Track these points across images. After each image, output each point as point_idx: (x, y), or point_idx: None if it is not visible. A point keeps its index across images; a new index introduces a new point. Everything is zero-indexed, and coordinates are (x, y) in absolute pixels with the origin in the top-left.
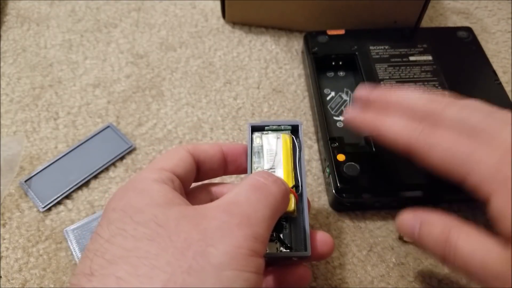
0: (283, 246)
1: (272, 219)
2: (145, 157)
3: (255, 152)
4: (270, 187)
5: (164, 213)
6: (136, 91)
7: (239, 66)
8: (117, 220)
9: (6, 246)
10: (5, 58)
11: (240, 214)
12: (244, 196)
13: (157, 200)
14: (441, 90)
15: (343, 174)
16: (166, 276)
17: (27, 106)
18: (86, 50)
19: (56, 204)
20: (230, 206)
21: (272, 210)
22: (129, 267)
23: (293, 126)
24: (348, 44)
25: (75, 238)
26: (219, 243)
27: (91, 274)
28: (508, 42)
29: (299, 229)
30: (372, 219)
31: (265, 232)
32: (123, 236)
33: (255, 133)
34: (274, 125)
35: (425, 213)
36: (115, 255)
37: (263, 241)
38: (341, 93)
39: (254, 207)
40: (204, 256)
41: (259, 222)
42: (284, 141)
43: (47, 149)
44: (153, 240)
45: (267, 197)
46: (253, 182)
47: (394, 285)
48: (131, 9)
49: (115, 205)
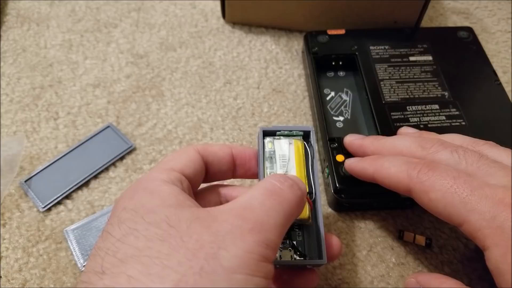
0: (297, 254)
1: (285, 226)
2: (145, 157)
3: (268, 158)
4: (285, 192)
5: (175, 214)
6: (136, 91)
7: (239, 66)
8: (128, 220)
9: (6, 246)
10: (5, 58)
11: (253, 219)
12: (259, 201)
13: (168, 201)
14: (441, 90)
15: (342, 175)
16: (177, 276)
17: (27, 106)
18: (86, 50)
19: (56, 204)
20: (244, 211)
21: (286, 217)
22: (140, 266)
23: (304, 132)
24: (348, 44)
25: (75, 238)
26: (230, 247)
27: (102, 273)
28: (508, 42)
29: (313, 236)
30: (372, 219)
31: (277, 239)
32: (135, 235)
33: (266, 138)
34: (285, 130)
35: (426, 277)
36: (127, 254)
37: (274, 247)
38: (341, 93)
39: (267, 213)
40: (216, 258)
41: (271, 228)
42: (296, 147)
43: (47, 149)
44: (165, 240)
45: (281, 203)
46: (269, 187)
47: (394, 285)
48: (131, 9)
49: (125, 205)
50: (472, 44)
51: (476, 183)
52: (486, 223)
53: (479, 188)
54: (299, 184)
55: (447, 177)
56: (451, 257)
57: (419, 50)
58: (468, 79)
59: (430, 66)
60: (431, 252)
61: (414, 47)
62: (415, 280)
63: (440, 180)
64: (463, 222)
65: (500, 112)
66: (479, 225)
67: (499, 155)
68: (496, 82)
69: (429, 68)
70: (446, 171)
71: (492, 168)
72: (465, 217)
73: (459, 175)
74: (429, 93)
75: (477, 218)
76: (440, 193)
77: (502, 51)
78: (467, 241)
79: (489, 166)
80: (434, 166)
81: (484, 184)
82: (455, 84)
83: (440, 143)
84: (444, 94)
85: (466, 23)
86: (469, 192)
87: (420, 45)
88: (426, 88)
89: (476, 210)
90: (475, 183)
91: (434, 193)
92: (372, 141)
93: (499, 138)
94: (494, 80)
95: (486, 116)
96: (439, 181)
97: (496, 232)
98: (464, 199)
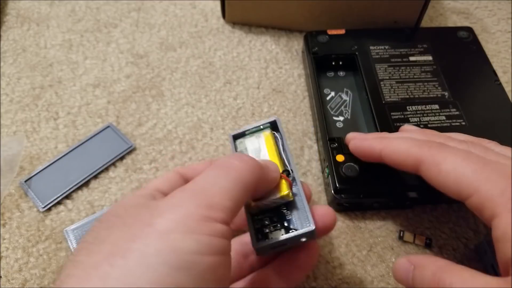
0: (289, 231)
1: (236, 191)
2: (145, 157)
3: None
4: (232, 162)
5: (124, 208)
6: (136, 91)
7: (239, 66)
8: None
9: (6, 246)
10: (5, 58)
11: (193, 189)
12: (203, 175)
13: (126, 203)
14: (441, 90)
15: (342, 175)
16: (109, 247)
17: (27, 106)
18: (86, 50)
19: (56, 204)
20: (186, 186)
21: (235, 182)
22: (85, 252)
23: (271, 123)
24: (348, 44)
25: (75, 238)
26: (167, 213)
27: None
28: (508, 42)
29: (302, 212)
30: (371, 219)
31: (225, 202)
32: (91, 234)
33: (237, 140)
34: (253, 128)
35: (418, 257)
36: (81, 250)
37: (222, 209)
38: (341, 93)
39: (210, 181)
40: (151, 226)
41: (215, 192)
42: (265, 137)
43: (47, 149)
44: (109, 228)
45: (228, 171)
46: (216, 162)
47: (394, 285)
48: (131, 9)
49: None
50: (472, 44)
51: (487, 160)
52: (499, 192)
53: (491, 163)
54: (249, 157)
55: (459, 153)
56: (451, 257)
57: (419, 50)
58: (468, 79)
59: (430, 66)
60: (431, 252)
61: (414, 47)
62: (406, 260)
63: (453, 155)
64: (473, 193)
65: (500, 112)
66: (491, 194)
67: (504, 152)
68: (496, 82)
69: (429, 68)
70: (457, 150)
71: (500, 156)
72: (476, 187)
73: (470, 154)
74: (429, 93)
75: (489, 187)
76: (452, 165)
77: (502, 51)
78: (467, 241)
79: (497, 155)
80: (445, 145)
81: (496, 161)
82: (455, 84)
83: (447, 136)
84: (444, 94)
85: (466, 23)
86: (482, 165)
87: (420, 45)
88: (426, 88)
89: (489, 179)
90: (487, 160)
91: (446, 165)
92: (380, 140)
93: (499, 138)
94: (494, 80)
95: (486, 116)
96: (452, 156)
97: (506, 204)
98: (477, 170)
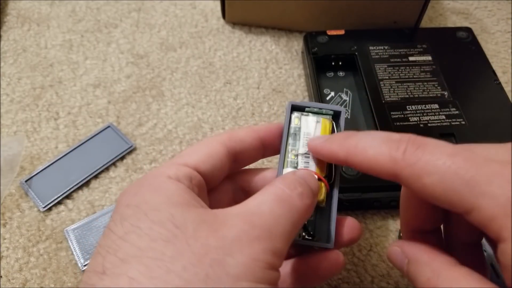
0: (306, 233)
1: (292, 233)
2: (145, 157)
3: (292, 134)
4: (295, 200)
5: (182, 214)
6: (136, 91)
7: (239, 66)
8: (131, 217)
9: (6, 246)
10: (5, 58)
11: (261, 226)
12: (268, 208)
13: (173, 199)
14: (441, 90)
15: (342, 174)
16: (181, 282)
17: (28, 106)
18: (87, 50)
19: (56, 204)
20: (252, 217)
21: (294, 224)
22: (143, 268)
23: (335, 112)
24: (348, 44)
25: (75, 238)
26: (237, 254)
27: (103, 273)
28: (507, 42)
29: (325, 218)
30: (372, 219)
31: (284, 247)
32: (137, 234)
33: (294, 113)
34: (315, 107)
35: (412, 249)
36: (128, 254)
37: (281, 255)
38: (341, 93)
39: (276, 221)
40: (222, 265)
41: (279, 236)
42: (323, 126)
43: (47, 149)
44: (169, 241)
45: (291, 210)
46: (279, 193)
47: (394, 285)
48: (131, 10)
49: (129, 201)
50: (471, 44)
51: (479, 159)
52: (502, 210)
53: (485, 164)
54: (309, 190)
55: (442, 155)
56: None
57: (418, 50)
58: (467, 79)
59: (429, 66)
60: None
61: (414, 47)
62: (400, 249)
63: (434, 160)
64: (471, 209)
65: (500, 111)
66: (492, 213)
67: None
68: (495, 82)
69: (429, 68)
70: (438, 146)
71: (490, 146)
72: (473, 203)
73: (456, 151)
74: (429, 93)
75: (489, 204)
76: (436, 176)
77: (501, 51)
78: None
79: (485, 145)
80: (421, 141)
81: (489, 159)
82: (455, 83)
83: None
84: (444, 93)
85: (465, 23)
86: (474, 171)
87: (420, 45)
88: (426, 88)
89: (487, 193)
90: (478, 159)
91: (429, 178)
92: (341, 142)
93: (498, 137)
94: (494, 80)
95: (485, 115)
96: (433, 161)
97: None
98: (470, 181)
